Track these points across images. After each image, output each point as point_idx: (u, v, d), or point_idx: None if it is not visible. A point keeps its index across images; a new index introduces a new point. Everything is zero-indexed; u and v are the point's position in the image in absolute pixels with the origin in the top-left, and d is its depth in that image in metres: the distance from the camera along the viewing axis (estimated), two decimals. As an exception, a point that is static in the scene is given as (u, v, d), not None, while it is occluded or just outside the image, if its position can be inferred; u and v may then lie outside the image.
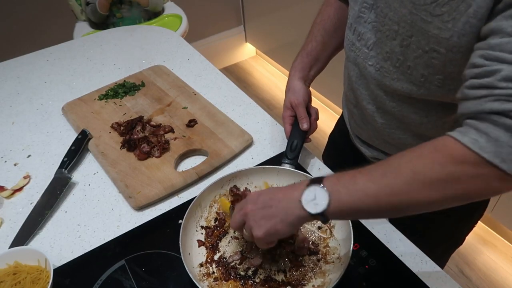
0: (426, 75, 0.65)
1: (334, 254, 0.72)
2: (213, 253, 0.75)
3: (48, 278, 0.69)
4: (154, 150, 0.94)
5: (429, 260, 0.72)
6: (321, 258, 0.72)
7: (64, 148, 0.98)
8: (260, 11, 2.85)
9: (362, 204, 0.54)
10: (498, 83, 0.48)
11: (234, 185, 0.83)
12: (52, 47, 1.45)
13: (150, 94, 1.15)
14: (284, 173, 0.83)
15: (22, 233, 0.81)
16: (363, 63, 0.74)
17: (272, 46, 2.92)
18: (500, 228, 1.83)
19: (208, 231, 0.78)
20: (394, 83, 0.70)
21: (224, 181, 0.82)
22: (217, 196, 0.82)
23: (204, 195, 0.80)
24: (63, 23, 2.26)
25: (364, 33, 0.72)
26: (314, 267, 0.71)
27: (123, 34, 1.51)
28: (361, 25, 0.72)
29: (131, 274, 0.73)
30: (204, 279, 0.71)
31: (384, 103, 0.76)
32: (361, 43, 0.74)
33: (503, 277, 1.70)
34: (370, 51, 0.72)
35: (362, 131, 0.89)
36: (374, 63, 0.72)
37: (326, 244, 0.74)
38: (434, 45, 0.60)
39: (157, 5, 2.27)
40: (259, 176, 0.84)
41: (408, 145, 0.76)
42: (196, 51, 1.38)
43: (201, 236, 0.77)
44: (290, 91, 0.90)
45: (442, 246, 0.97)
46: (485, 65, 0.50)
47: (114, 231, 0.81)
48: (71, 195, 0.90)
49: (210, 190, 0.81)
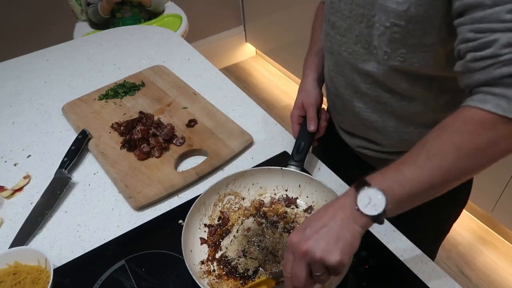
0: (389, 52, 0.69)
1: None
2: (215, 251, 0.75)
3: (48, 278, 0.69)
4: (154, 150, 0.94)
5: (429, 260, 0.72)
6: None
7: (64, 148, 0.98)
8: (260, 11, 2.85)
9: (417, 191, 0.55)
10: (500, 51, 0.52)
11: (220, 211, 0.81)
12: (52, 47, 1.46)
13: (150, 94, 1.15)
14: (290, 174, 0.83)
15: (22, 233, 0.81)
16: (338, 50, 0.79)
17: (272, 46, 2.92)
18: (500, 228, 1.83)
19: (211, 229, 0.78)
20: (365, 65, 0.75)
21: (230, 180, 0.82)
22: (222, 195, 0.82)
23: (209, 193, 0.80)
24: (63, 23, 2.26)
25: (336, 21, 0.77)
26: None
27: (123, 34, 1.51)
28: (333, 15, 0.77)
29: (131, 274, 0.73)
30: (204, 277, 0.71)
31: (360, 86, 0.79)
32: (334, 32, 0.78)
33: (503, 277, 1.70)
34: (342, 37, 0.77)
35: (344, 119, 0.91)
36: (346, 48, 0.76)
37: None
38: (394, 19, 0.65)
39: (159, 5, 2.28)
40: (265, 177, 0.84)
41: (387, 127, 0.82)
42: (196, 51, 1.38)
43: (204, 234, 0.78)
44: (304, 91, 0.91)
45: (429, 236, 0.99)
46: (479, 38, 0.54)
47: (114, 231, 0.81)
48: (71, 195, 0.90)
49: (215, 188, 0.81)
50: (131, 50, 1.41)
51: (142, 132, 0.95)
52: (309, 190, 0.81)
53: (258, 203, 0.83)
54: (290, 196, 0.83)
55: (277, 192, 0.84)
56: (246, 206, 0.83)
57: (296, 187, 0.83)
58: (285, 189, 0.84)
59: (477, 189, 1.65)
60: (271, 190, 0.84)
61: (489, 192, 1.67)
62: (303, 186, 0.82)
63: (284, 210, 0.81)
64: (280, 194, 0.84)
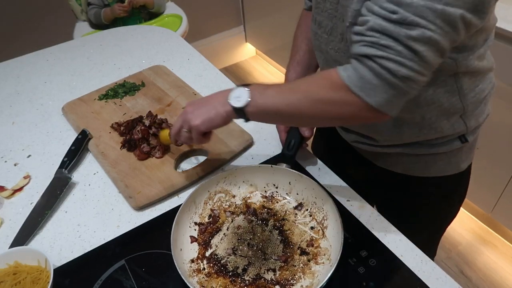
0: None
1: (325, 255, 0.72)
2: (205, 249, 0.75)
3: (48, 278, 0.69)
4: (154, 150, 0.94)
5: (429, 260, 0.72)
6: (311, 258, 0.73)
7: (64, 148, 0.98)
8: (260, 11, 2.85)
9: (269, 109, 0.68)
10: (366, 31, 0.59)
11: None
12: (52, 47, 1.46)
13: (150, 94, 1.15)
14: (280, 171, 0.83)
15: (22, 233, 0.81)
16: (325, 48, 0.80)
17: (272, 46, 2.92)
18: (500, 228, 1.83)
19: (202, 228, 0.79)
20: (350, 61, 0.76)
21: (220, 178, 0.83)
22: (212, 193, 0.83)
23: (199, 191, 0.80)
24: (63, 23, 2.26)
25: (322, 21, 0.79)
26: (304, 267, 0.71)
27: (123, 34, 1.51)
28: (319, 15, 0.79)
29: (131, 274, 0.73)
30: (194, 275, 0.71)
31: None
32: (321, 31, 0.80)
33: (503, 277, 1.70)
34: (329, 36, 0.78)
35: None
36: (333, 47, 0.78)
37: (318, 244, 0.75)
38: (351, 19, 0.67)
39: (161, 7, 2.28)
40: (254, 174, 0.84)
41: (377, 123, 0.83)
42: (196, 51, 1.38)
43: (194, 233, 0.78)
44: None
45: (426, 234, 1.00)
46: (364, 15, 0.60)
47: (114, 231, 0.81)
48: (71, 195, 0.90)
49: (204, 187, 0.81)
50: (131, 50, 1.41)
51: (142, 132, 0.95)
52: (299, 187, 0.82)
53: (248, 200, 0.83)
54: (280, 193, 0.84)
55: (268, 189, 0.85)
56: (236, 204, 0.83)
57: (286, 184, 0.83)
58: (276, 186, 0.84)
59: (477, 189, 1.65)
60: (262, 187, 0.85)
61: (489, 192, 1.67)
62: (293, 184, 0.83)
63: (274, 207, 0.82)
64: (271, 191, 0.84)
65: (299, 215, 0.80)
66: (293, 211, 0.81)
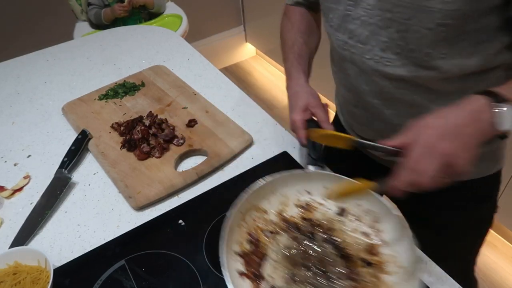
0: (431, 52, 0.66)
1: (395, 263, 0.63)
2: (259, 284, 0.63)
3: (48, 278, 0.69)
4: (154, 150, 0.94)
5: (429, 260, 0.72)
6: (378, 269, 0.64)
7: (64, 148, 0.98)
8: (260, 11, 2.85)
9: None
10: None
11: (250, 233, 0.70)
12: (52, 47, 1.46)
13: (150, 94, 1.15)
14: (315, 176, 0.73)
15: (22, 233, 0.81)
16: (360, 59, 0.75)
17: (272, 46, 2.92)
18: (500, 228, 1.83)
19: (246, 258, 0.66)
20: (398, 70, 0.71)
21: (247, 194, 0.71)
22: (244, 213, 0.70)
23: (234, 215, 0.66)
24: (63, 23, 2.26)
25: (354, 29, 0.73)
26: (376, 281, 0.62)
27: (123, 34, 1.51)
28: (350, 23, 0.73)
29: (131, 274, 0.73)
30: None
31: (391, 93, 0.75)
32: (354, 40, 0.74)
33: (503, 277, 1.70)
34: (365, 45, 0.73)
35: (368, 130, 0.87)
36: (372, 56, 0.73)
37: (377, 251, 0.66)
38: (440, 20, 0.61)
39: (161, 7, 2.28)
40: (283, 183, 0.74)
41: None
42: (196, 51, 1.38)
43: (240, 266, 0.65)
44: (303, 92, 0.84)
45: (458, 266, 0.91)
46: None
47: (114, 231, 0.81)
48: (71, 195, 0.90)
49: (237, 207, 0.68)
50: (131, 50, 1.41)
51: (142, 132, 0.95)
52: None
53: (283, 214, 0.73)
54: (315, 200, 0.74)
55: (301, 197, 0.74)
56: (273, 220, 0.72)
57: (321, 189, 0.74)
58: (309, 192, 0.75)
59: (477, 189, 1.63)
60: (293, 196, 0.75)
61: (489, 192, 1.66)
62: (330, 188, 0.73)
63: (315, 217, 0.72)
64: (304, 199, 0.74)
65: (346, 221, 0.71)
66: (338, 218, 0.72)
